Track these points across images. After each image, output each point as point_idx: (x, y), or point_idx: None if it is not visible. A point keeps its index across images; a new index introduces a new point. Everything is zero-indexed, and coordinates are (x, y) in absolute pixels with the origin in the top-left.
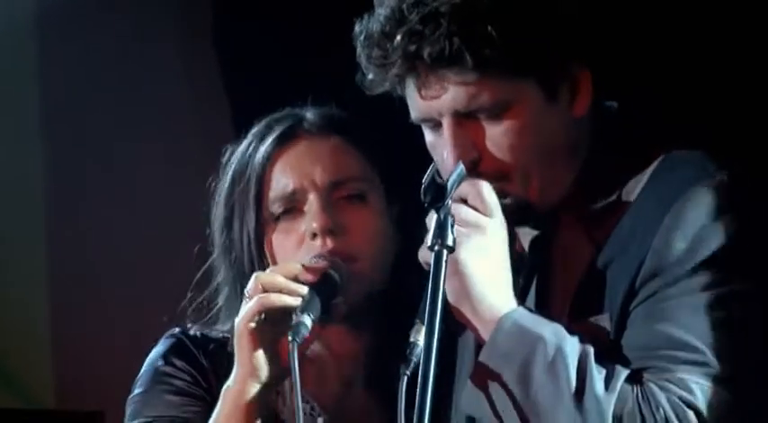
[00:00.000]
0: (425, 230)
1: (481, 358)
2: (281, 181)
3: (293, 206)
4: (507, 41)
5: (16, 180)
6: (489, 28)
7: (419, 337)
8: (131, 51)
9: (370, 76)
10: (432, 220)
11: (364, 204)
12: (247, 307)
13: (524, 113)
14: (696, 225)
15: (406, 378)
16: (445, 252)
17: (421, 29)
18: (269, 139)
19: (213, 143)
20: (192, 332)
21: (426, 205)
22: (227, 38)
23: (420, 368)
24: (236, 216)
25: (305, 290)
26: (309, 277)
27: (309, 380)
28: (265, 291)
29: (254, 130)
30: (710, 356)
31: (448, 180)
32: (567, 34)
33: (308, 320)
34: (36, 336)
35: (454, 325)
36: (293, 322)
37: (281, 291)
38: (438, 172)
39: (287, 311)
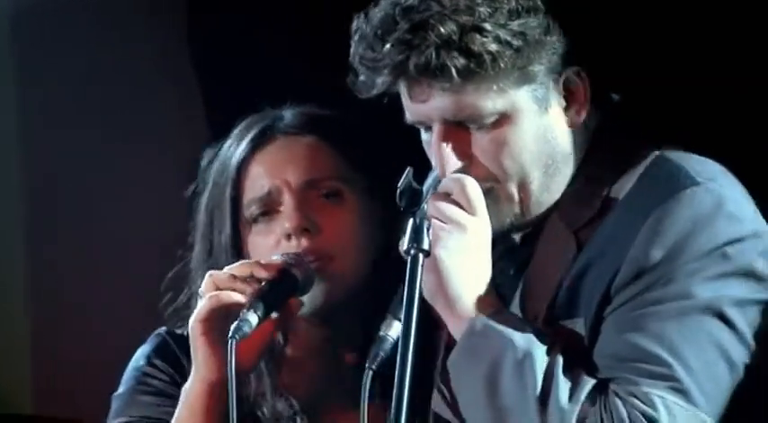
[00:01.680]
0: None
1: (451, 358)
2: (257, 182)
3: (270, 208)
4: (494, 56)
5: None
6: (476, 42)
7: (389, 332)
8: (107, 52)
9: (362, 79)
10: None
11: (341, 202)
12: (199, 306)
13: (515, 123)
14: (673, 235)
15: (371, 373)
16: (421, 256)
17: (410, 38)
18: (244, 141)
19: (190, 145)
20: (178, 332)
21: (402, 209)
22: (202, 38)
23: (396, 370)
24: (216, 220)
25: (251, 288)
26: (264, 274)
27: (290, 379)
28: (218, 289)
29: (234, 131)
30: (678, 369)
31: (423, 185)
32: (556, 46)
33: (252, 318)
34: (14, 340)
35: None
36: (237, 320)
37: (233, 288)
38: (413, 176)
39: (238, 309)
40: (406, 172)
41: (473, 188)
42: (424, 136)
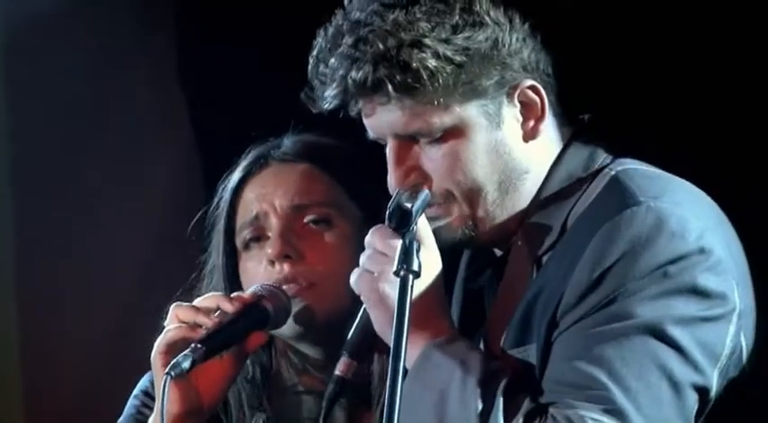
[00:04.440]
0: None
1: (404, 387)
2: (248, 207)
3: (260, 233)
4: (432, 72)
5: None
6: (414, 58)
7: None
8: (96, 74)
9: (315, 92)
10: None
11: (329, 229)
12: (159, 338)
13: (465, 138)
14: (613, 256)
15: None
16: (411, 277)
17: (352, 52)
18: (238, 170)
19: (178, 167)
20: None
21: (393, 230)
22: (192, 60)
23: (386, 396)
24: (214, 248)
25: (211, 322)
26: (230, 307)
27: (279, 403)
28: (180, 321)
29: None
30: (615, 392)
31: (413, 206)
32: (507, 61)
33: (196, 354)
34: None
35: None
36: (179, 355)
37: (195, 321)
38: (404, 197)
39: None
40: (396, 192)
41: (421, 221)
42: (387, 153)
